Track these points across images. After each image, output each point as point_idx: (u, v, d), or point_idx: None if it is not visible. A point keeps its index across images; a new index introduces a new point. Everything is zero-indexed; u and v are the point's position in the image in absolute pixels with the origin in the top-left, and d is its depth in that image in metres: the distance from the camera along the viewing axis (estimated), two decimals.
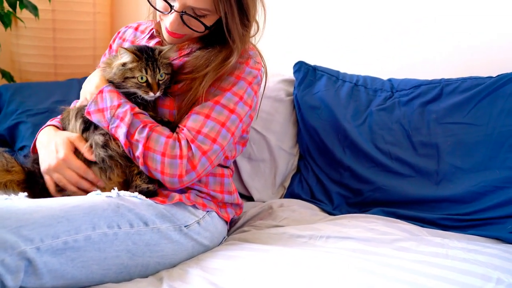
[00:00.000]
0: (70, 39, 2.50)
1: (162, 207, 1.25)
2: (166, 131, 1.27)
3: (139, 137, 1.23)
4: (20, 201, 1.09)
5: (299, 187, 1.77)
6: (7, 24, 2.14)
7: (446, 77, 1.71)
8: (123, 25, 2.75)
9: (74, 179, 1.28)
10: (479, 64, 1.75)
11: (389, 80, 1.82)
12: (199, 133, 1.26)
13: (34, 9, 2.13)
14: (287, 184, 1.82)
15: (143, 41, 1.51)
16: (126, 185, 1.31)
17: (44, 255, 1.03)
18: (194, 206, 1.33)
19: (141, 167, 1.27)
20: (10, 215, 1.02)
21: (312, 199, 1.72)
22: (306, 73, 1.87)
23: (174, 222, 1.26)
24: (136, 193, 1.24)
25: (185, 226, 1.28)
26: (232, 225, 1.56)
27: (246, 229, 1.47)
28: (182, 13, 1.27)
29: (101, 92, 1.27)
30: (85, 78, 2.37)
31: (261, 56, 1.43)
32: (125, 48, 1.25)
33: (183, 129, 1.27)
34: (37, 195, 1.29)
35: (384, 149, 1.68)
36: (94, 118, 1.28)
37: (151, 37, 1.50)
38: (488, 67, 1.71)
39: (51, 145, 1.33)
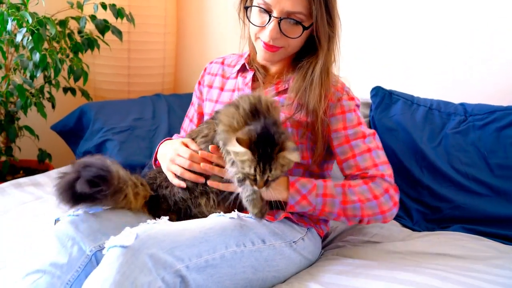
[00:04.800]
0: (143, 59, 2.66)
1: (273, 226, 1.39)
2: (357, 180, 1.41)
3: (352, 199, 1.38)
4: (166, 224, 1.24)
5: None
6: (93, 48, 2.29)
7: None
8: (187, 44, 2.92)
9: (184, 162, 1.39)
10: None
11: (461, 104, 1.93)
12: (376, 166, 1.43)
13: (119, 34, 2.28)
14: None
15: (233, 74, 1.62)
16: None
17: (192, 273, 1.17)
18: (298, 224, 1.47)
19: (348, 222, 1.42)
20: (164, 237, 1.17)
21: None
22: (383, 97, 1.99)
23: (284, 239, 1.40)
24: (251, 214, 1.39)
25: (293, 242, 1.41)
26: (322, 240, 1.69)
27: (340, 244, 1.59)
28: (280, 19, 1.39)
29: (292, 185, 1.38)
30: (156, 95, 2.55)
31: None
32: (241, 144, 1.21)
33: (366, 172, 1.42)
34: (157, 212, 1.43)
35: (461, 170, 1.80)
36: (298, 208, 1.39)
37: (242, 70, 1.62)
38: None
39: (168, 150, 1.48)
